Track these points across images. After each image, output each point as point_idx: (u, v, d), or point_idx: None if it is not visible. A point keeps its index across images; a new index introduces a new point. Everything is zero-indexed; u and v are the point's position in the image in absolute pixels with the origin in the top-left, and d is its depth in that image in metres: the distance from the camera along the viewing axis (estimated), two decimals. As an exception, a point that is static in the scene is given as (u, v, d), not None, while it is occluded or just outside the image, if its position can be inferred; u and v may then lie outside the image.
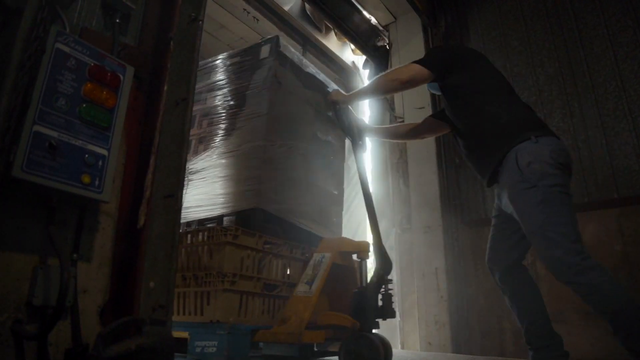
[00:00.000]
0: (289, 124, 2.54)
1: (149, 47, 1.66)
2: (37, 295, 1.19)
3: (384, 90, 2.15)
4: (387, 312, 2.03)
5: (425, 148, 3.66)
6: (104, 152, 1.28)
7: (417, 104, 3.83)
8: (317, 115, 2.71)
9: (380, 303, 2.04)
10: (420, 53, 3.94)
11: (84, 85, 1.24)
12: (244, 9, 3.46)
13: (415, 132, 2.42)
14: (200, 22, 1.52)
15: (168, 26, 1.60)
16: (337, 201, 2.85)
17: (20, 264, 1.19)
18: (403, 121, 3.86)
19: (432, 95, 3.79)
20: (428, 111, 3.75)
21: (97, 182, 1.24)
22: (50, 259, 1.24)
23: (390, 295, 2.06)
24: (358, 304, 2.03)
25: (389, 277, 2.09)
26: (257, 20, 3.58)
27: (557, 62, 3.40)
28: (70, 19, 1.45)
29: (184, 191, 1.93)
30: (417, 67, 1.94)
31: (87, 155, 1.22)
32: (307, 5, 3.70)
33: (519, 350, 3.05)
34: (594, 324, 2.80)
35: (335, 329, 2.10)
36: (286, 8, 3.52)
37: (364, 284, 2.15)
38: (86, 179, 1.21)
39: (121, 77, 1.35)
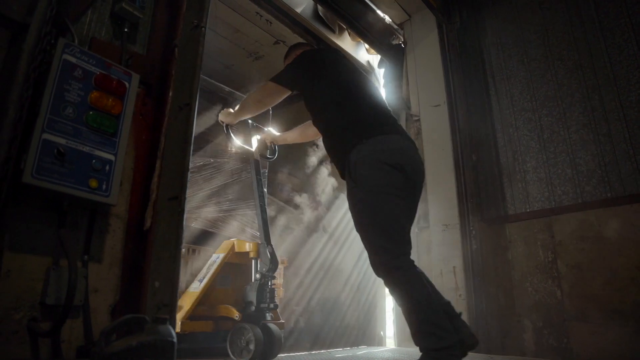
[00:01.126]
0: (199, 144, 2.87)
1: (157, 54, 1.71)
2: (50, 295, 1.25)
3: (250, 111, 2.25)
4: (269, 306, 2.32)
5: (441, 145, 3.62)
6: (111, 157, 1.33)
7: (433, 101, 3.79)
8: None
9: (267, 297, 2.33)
10: (436, 50, 3.90)
11: (91, 94, 1.30)
12: (257, 12, 3.49)
13: (315, 131, 2.43)
14: (203, 29, 1.56)
15: (173, 33, 1.65)
16: (257, 206, 3.09)
17: (34, 265, 1.26)
18: (418, 120, 3.83)
19: (449, 92, 3.75)
20: (444, 109, 3.71)
21: (104, 186, 1.30)
22: (62, 260, 1.30)
23: (273, 290, 2.34)
24: (242, 297, 2.36)
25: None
26: (270, 23, 3.62)
27: (577, 54, 3.30)
28: (81, 30, 1.52)
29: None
30: (272, 85, 2.02)
31: (94, 161, 1.28)
32: (319, 7, 3.71)
33: (540, 350, 2.99)
34: (620, 323, 2.71)
35: (226, 319, 2.46)
36: (298, 10, 3.54)
37: (252, 281, 2.42)
38: (94, 183, 1.27)
39: (127, 84, 1.41)
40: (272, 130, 2.74)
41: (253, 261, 2.47)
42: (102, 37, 1.58)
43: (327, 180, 4.32)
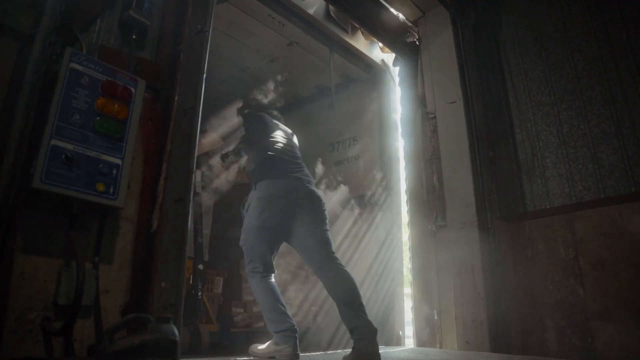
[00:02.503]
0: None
1: (164, 59, 1.74)
2: (62, 295, 1.30)
3: (208, 146, 2.68)
4: (196, 311, 2.91)
5: (457, 142, 3.56)
6: (118, 161, 1.37)
7: (448, 98, 3.73)
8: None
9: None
10: (451, 46, 3.84)
11: (97, 100, 1.34)
12: (269, 15, 3.51)
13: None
14: (207, 33, 1.58)
15: (180, 39, 1.69)
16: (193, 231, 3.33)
17: (46, 267, 1.31)
18: (434, 117, 3.78)
19: (464, 90, 3.69)
20: (460, 105, 3.65)
21: (111, 190, 1.34)
22: (74, 262, 1.34)
23: (201, 300, 2.97)
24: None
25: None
26: (283, 25, 3.64)
27: (597, 46, 3.20)
28: (90, 39, 1.56)
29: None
30: None
31: (101, 165, 1.32)
32: (331, 7, 3.70)
33: (563, 350, 2.91)
34: (648, 323, 2.61)
35: None
36: (310, 11, 3.55)
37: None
38: (101, 187, 1.31)
39: (133, 90, 1.44)
40: None
41: (192, 276, 2.97)
42: (111, 45, 1.62)
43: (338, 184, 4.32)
